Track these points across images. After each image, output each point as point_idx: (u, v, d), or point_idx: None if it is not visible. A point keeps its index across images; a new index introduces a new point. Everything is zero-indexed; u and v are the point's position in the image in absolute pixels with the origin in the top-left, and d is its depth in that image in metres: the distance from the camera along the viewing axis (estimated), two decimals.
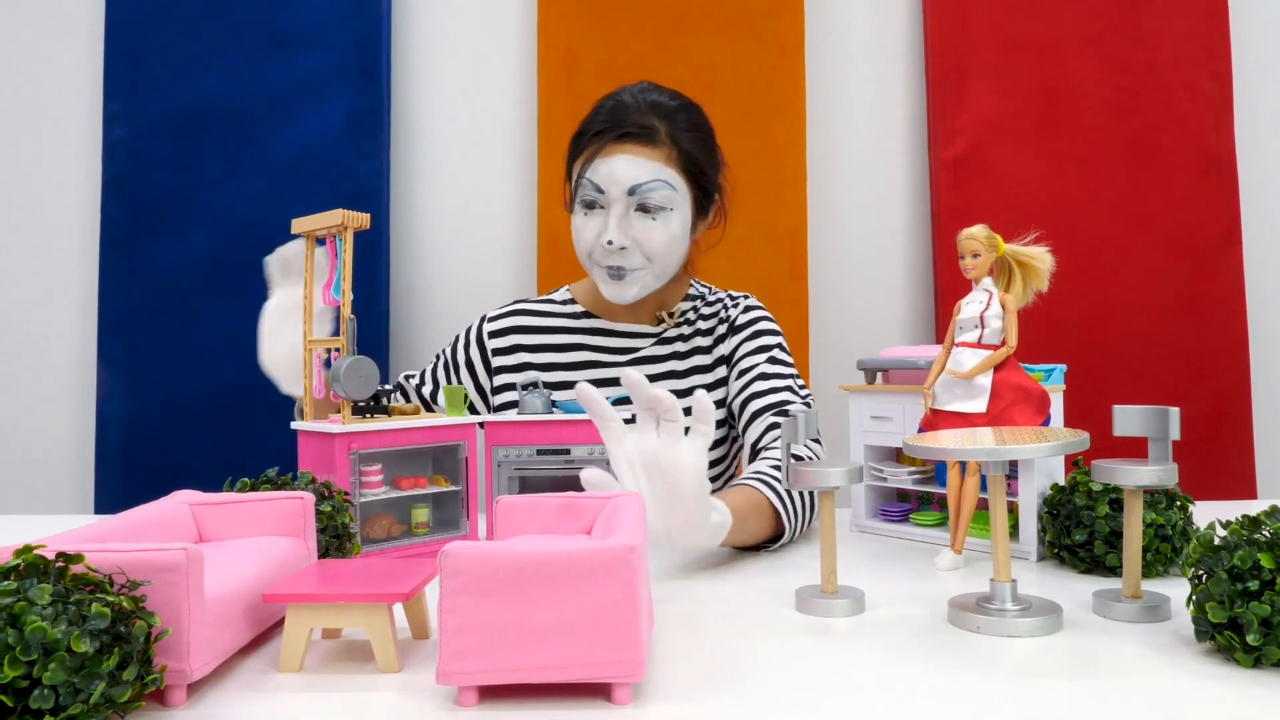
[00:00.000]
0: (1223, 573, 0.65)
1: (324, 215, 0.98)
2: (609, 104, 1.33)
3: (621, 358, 1.42)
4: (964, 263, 0.96)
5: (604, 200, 1.29)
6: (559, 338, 1.44)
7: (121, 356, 1.97)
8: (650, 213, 1.29)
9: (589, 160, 1.30)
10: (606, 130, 1.29)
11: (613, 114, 1.31)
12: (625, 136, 1.29)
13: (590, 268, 1.35)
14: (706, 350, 1.41)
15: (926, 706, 0.59)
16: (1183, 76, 1.98)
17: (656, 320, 1.43)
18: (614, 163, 1.28)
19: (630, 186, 1.27)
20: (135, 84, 2.00)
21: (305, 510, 0.81)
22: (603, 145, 1.29)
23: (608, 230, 1.28)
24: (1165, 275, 1.96)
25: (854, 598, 0.80)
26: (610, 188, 1.28)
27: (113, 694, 0.52)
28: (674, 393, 1.36)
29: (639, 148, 1.29)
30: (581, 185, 1.30)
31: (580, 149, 1.33)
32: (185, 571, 0.59)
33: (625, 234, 1.28)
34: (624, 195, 1.28)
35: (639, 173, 1.28)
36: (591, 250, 1.32)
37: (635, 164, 1.28)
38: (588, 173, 1.29)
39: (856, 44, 2.07)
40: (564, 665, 0.58)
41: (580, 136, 1.34)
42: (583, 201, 1.31)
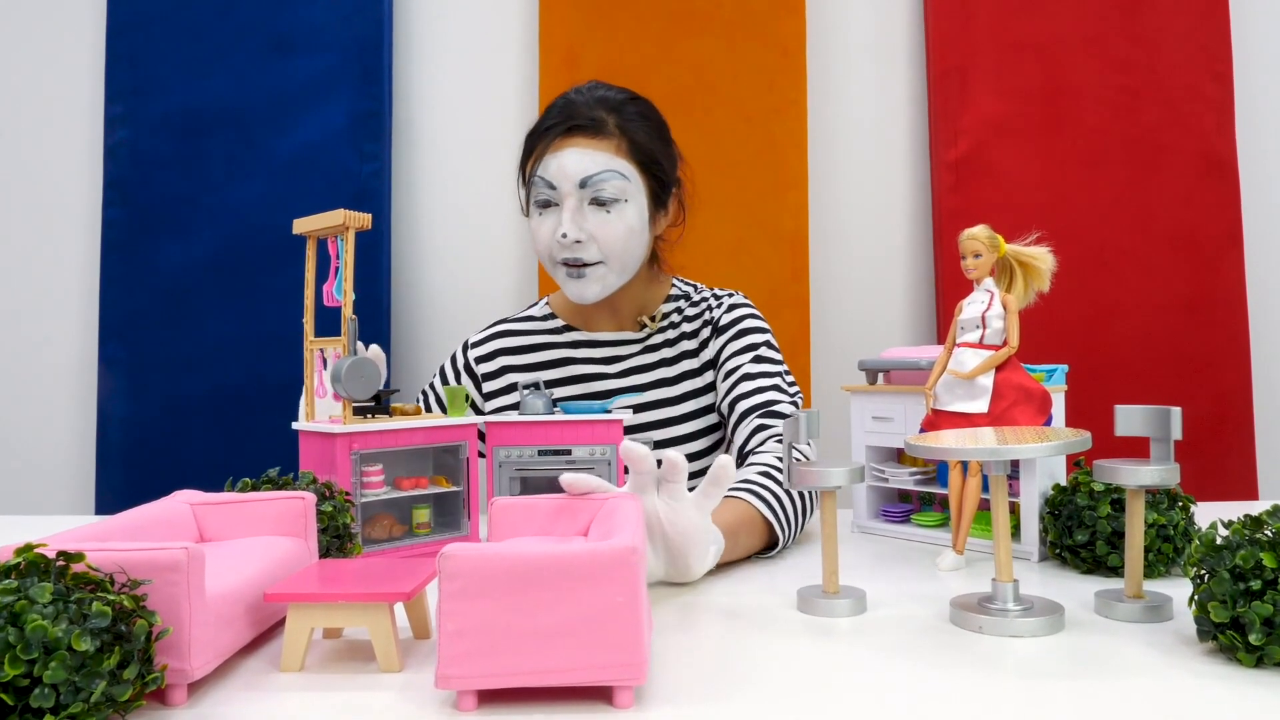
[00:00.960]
0: (1225, 572, 0.65)
1: (325, 215, 0.98)
2: (558, 103, 1.33)
3: (608, 367, 1.40)
4: (965, 263, 0.96)
5: (557, 196, 1.28)
6: (544, 354, 1.42)
7: (122, 358, 1.98)
8: (605, 205, 1.28)
9: (539, 158, 1.29)
10: (555, 126, 1.29)
11: (561, 111, 1.31)
12: (573, 130, 1.28)
13: (552, 269, 1.33)
14: (694, 354, 1.39)
15: (929, 707, 0.59)
16: (1184, 77, 1.98)
17: (639, 325, 1.41)
18: (563, 156, 1.27)
19: (581, 179, 1.26)
20: (137, 86, 2.00)
21: (306, 510, 0.81)
22: (551, 141, 1.28)
23: (562, 224, 1.26)
24: (1166, 276, 1.96)
25: (855, 598, 0.80)
26: (561, 182, 1.27)
27: (113, 693, 0.52)
28: (667, 401, 1.38)
29: (588, 140, 1.28)
30: (534, 184, 1.30)
31: (529, 151, 1.33)
32: (186, 570, 0.59)
33: (580, 227, 1.27)
34: (576, 189, 1.27)
35: (588, 164, 1.26)
36: (549, 248, 1.30)
37: (585, 156, 1.27)
38: (539, 170, 1.29)
39: (858, 45, 2.07)
40: (564, 668, 0.58)
41: (530, 138, 1.34)
42: (537, 202, 1.30)
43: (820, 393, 1.96)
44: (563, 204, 1.27)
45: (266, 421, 1.90)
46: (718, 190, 1.96)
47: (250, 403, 1.95)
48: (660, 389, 1.38)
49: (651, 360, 1.40)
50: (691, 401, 1.38)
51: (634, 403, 1.35)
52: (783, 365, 1.34)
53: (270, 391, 1.92)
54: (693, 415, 1.38)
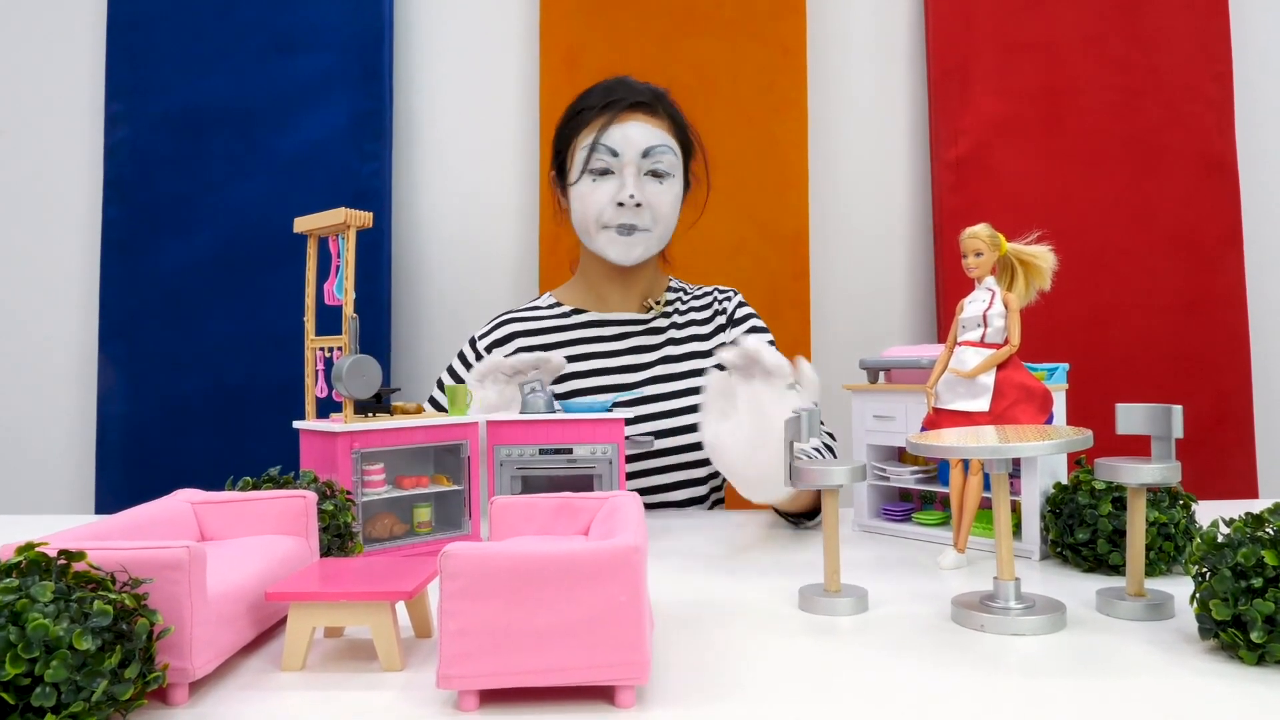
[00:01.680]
0: (1226, 570, 0.65)
1: (326, 214, 0.98)
2: (603, 85, 1.44)
3: (618, 344, 1.47)
4: (966, 262, 0.96)
5: (617, 164, 1.37)
6: (555, 336, 1.48)
7: (123, 357, 1.98)
8: (659, 177, 1.39)
9: (603, 128, 1.38)
10: (616, 101, 1.39)
11: (615, 89, 1.41)
12: (636, 105, 1.39)
13: (596, 234, 1.40)
14: (704, 338, 1.49)
15: (932, 705, 0.59)
16: (1184, 77, 1.98)
17: (645, 308, 1.50)
18: (628, 128, 1.37)
19: (645, 149, 1.37)
20: (137, 85, 2.00)
21: (307, 509, 0.81)
22: (616, 113, 1.38)
23: (625, 188, 1.36)
24: (1167, 275, 1.96)
25: (857, 596, 0.80)
26: (625, 150, 1.37)
27: (115, 692, 0.52)
28: (668, 377, 1.43)
29: (647, 116, 1.40)
30: (596, 151, 1.38)
31: (584, 122, 1.41)
32: (187, 569, 0.59)
33: (641, 193, 1.37)
34: (638, 158, 1.37)
35: (650, 137, 1.38)
36: (601, 213, 1.38)
37: (646, 129, 1.39)
38: (602, 139, 1.37)
39: (858, 45, 2.07)
40: (566, 668, 0.58)
41: (581, 113, 1.42)
42: (593, 170, 1.38)
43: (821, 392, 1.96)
44: (623, 171, 1.37)
45: (266, 421, 1.90)
46: (718, 189, 1.95)
47: (250, 402, 1.95)
48: (665, 365, 1.45)
49: (658, 340, 1.48)
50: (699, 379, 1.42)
51: (634, 397, 1.37)
52: None
53: (270, 391, 1.92)
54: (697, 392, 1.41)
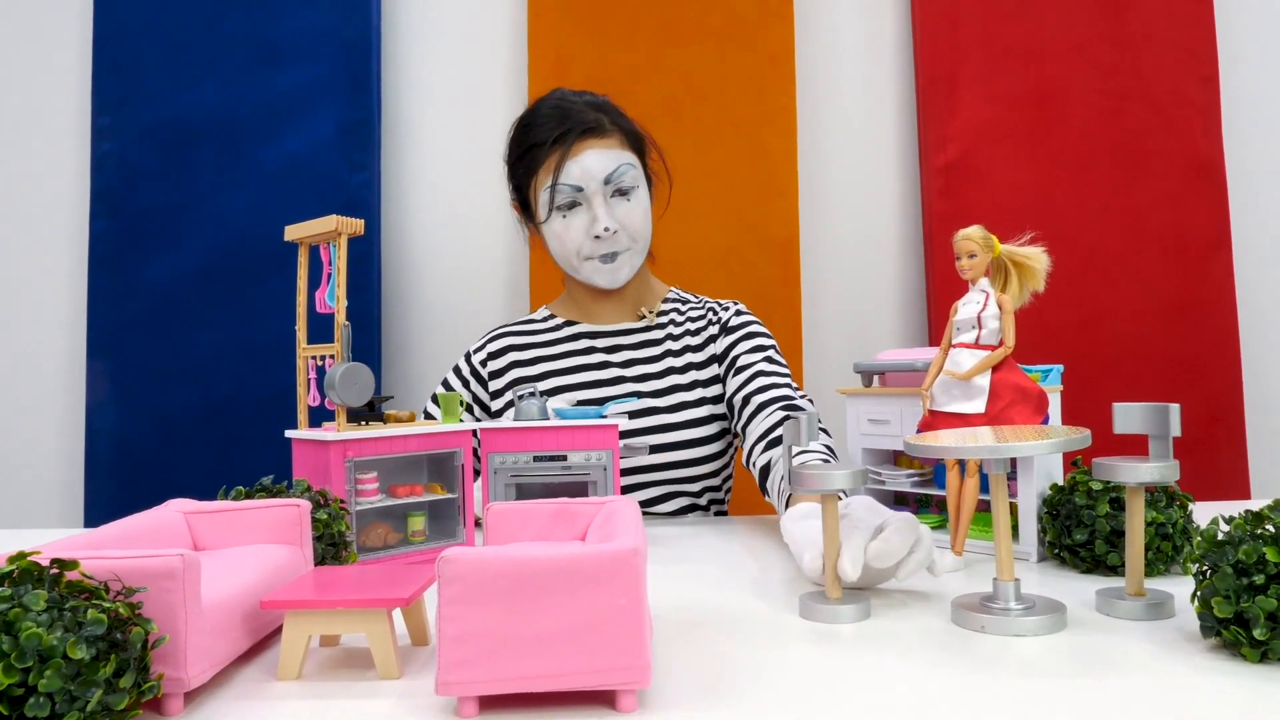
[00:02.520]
0: (1228, 568, 0.65)
1: (317, 221, 0.97)
2: (545, 114, 1.40)
3: (613, 356, 1.45)
4: (960, 263, 0.96)
5: (583, 197, 1.36)
6: (550, 349, 1.47)
7: (111, 370, 1.96)
8: (625, 194, 1.38)
9: (558, 166, 1.36)
10: (565, 133, 1.36)
11: (560, 120, 1.38)
12: (585, 133, 1.37)
13: (578, 267, 1.40)
14: (698, 349, 1.46)
15: (933, 706, 0.58)
16: (1170, 81, 2.00)
17: (639, 317, 1.49)
18: (584, 159, 1.36)
19: (605, 176, 1.36)
20: (124, 97, 1.99)
21: (301, 518, 0.80)
22: (567, 147, 1.36)
23: (598, 220, 1.36)
24: (1156, 279, 1.97)
25: (859, 603, 0.79)
26: (588, 183, 1.36)
27: (110, 702, 0.51)
28: (665, 390, 1.41)
29: (598, 140, 1.38)
30: (558, 191, 1.36)
31: (536, 162, 1.39)
32: (182, 578, 0.58)
33: (613, 219, 1.37)
34: (601, 186, 1.36)
35: (607, 162, 1.37)
36: (579, 246, 1.38)
37: (601, 155, 1.37)
38: (561, 178, 1.36)
39: (846, 52, 2.08)
40: (567, 673, 0.57)
41: (530, 150, 1.40)
42: (559, 206, 1.37)
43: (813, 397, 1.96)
44: (591, 202, 1.36)
45: (256, 432, 1.89)
46: (708, 197, 1.96)
47: (240, 414, 1.94)
48: (670, 377, 1.43)
49: (657, 352, 1.46)
50: (699, 389, 1.44)
51: (629, 409, 1.36)
52: (790, 375, 1.40)
53: (260, 402, 1.91)
54: (696, 403, 1.43)
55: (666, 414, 1.41)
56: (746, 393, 1.35)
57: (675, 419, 1.41)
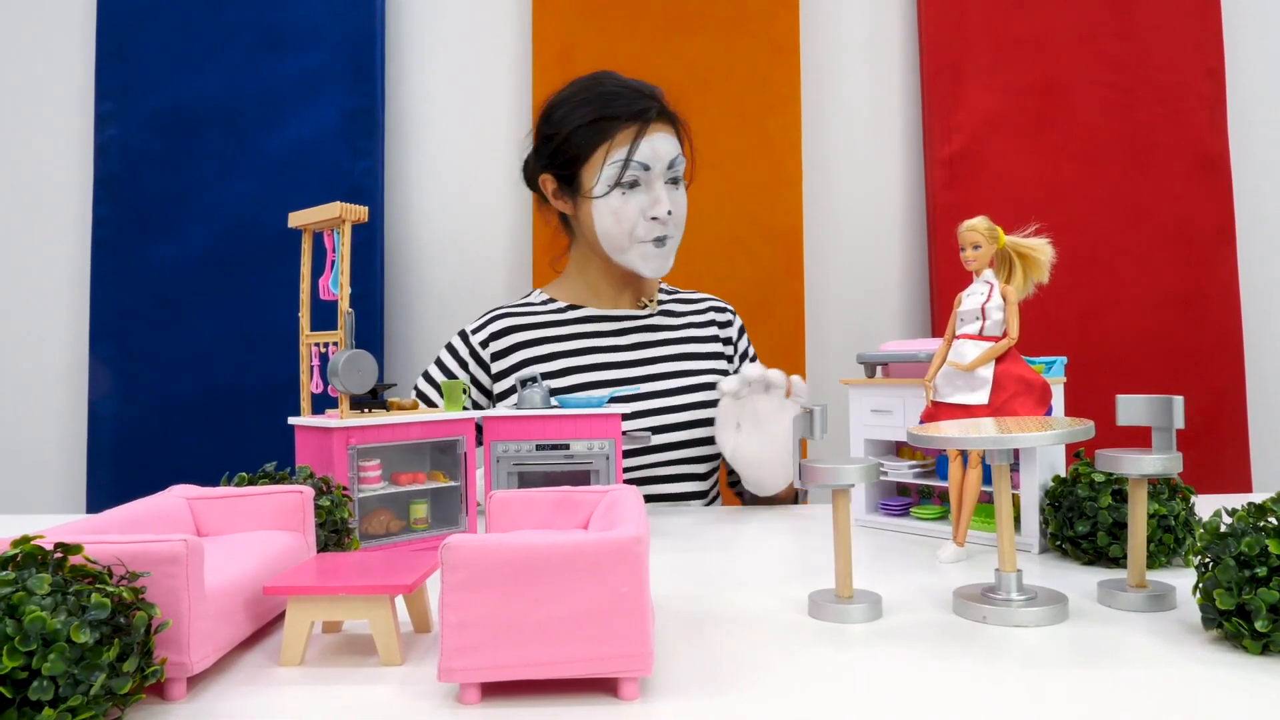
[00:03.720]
0: (1230, 559, 0.65)
1: (321, 208, 0.97)
2: (613, 89, 1.39)
3: (619, 339, 1.46)
4: (965, 254, 0.96)
5: (646, 177, 1.37)
6: (553, 330, 1.47)
7: (114, 356, 1.96)
8: (676, 184, 1.40)
9: (631, 140, 1.35)
10: (644, 111, 1.37)
11: (637, 96, 1.38)
12: (660, 116, 1.38)
13: (628, 248, 1.39)
14: (701, 342, 1.50)
15: (936, 696, 0.58)
16: (1176, 73, 1.99)
17: (640, 305, 1.51)
18: (655, 141, 1.36)
19: (670, 160, 1.38)
20: (127, 83, 1.98)
21: (304, 504, 0.80)
22: (646, 124, 1.36)
23: (660, 203, 1.37)
24: (1160, 271, 1.97)
25: (870, 602, 0.76)
26: (655, 163, 1.36)
27: (113, 686, 0.51)
28: (667, 374, 1.44)
29: (665, 125, 1.40)
30: (629, 166, 1.35)
31: (607, 132, 1.37)
32: (185, 563, 0.58)
33: (671, 202, 1.38)
34: (665, 169, 1.37)
35: (673, 148, 1.39)
36: (633, 226, 1.37)
37: (669, 141, 1.39)
38: (635, 154, 1.35)
39: (852, 42, 2.07)
40: (569, 660, 0.57)
41: (601, 121, 1.37)
42: (624, 183, 1.36)
43: (815, 388, 1.96)
44: (653, 184, 1.37)
45: (259, 420, 1.89)
46: (712, 187, 1.96)
47: (242, 401, 1.94)
48: (678, 363, 1.46)
49: (659, 338, 1.48)
50: (701, 377, 1.46)
51: (631, 394, 1.36)
52: None
53: (262, 390, 1.91)
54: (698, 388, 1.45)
55: (667, 398, 1.41)
56: None
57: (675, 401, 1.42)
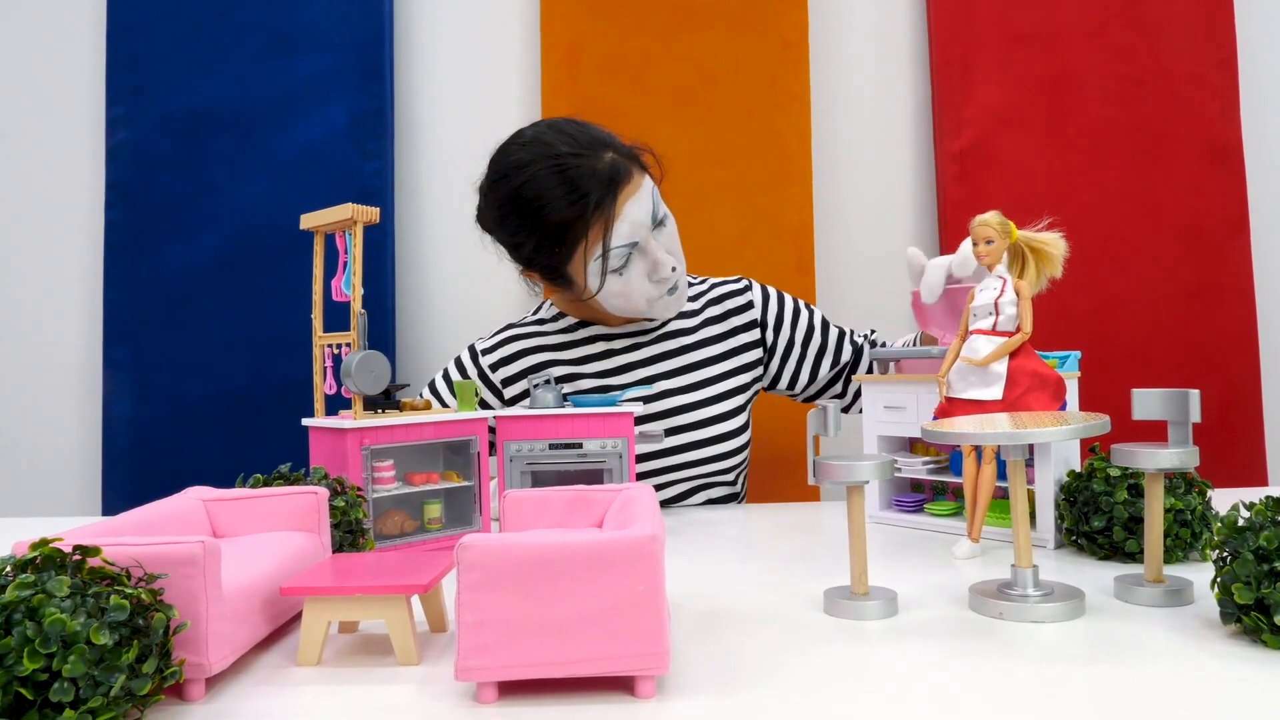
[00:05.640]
0: (1249, 554, 0.64)
1: (333, 210, 0.98)
2: (570, 176, 1.25)
3: (633, 355, 1.43)
4: (977, 249, 0.95)
5: (636, 249, 1.30)
6: (566, 352, 1.44)
7: (127, 360, 1.97)
8: (662, 223, 1.33)
9: (606, 232, 1.26)
10: (606, 195, 1.26)
11: (592, 178, 1.25)
12: (623, 177, 1.28)
13: (645, 309, 1.34)
14: (721, 337, 1.48)
15: (952, 693, 0.58)
16: (1188, 65, 1.97)
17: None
18: (629, 213, 1.27)
19: (651, 219, 1.30)
20: (138, 87, 1.99)
21: (319, 505, 0.81)
22: (612, 209, 1.26)
23: (661, 265, 1.30)
24: (1173, 264, 1.95)
25: (886, 599, 0.76)
26: (640, 234, 1.29)
27: (133, 687, 0.52)
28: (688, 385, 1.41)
29: (628, 186, 1.29)
30: (613, 256, 1.27)
31: (576, 237, 1.27)
32: (202, 565, 0.59)
33: (668, 251, 1.33)
34: (650, 229, 1.30)
35: (645, 204, 1.29)
36: (645, 292, 1.32)
37: (637, 200, 1.29)
38: (614, 241, 1.27)
39: (861, 37, 2.06)
40: (586, 659, 0.57)
41: (565, 228, 1.26)
42: (614, 270, 1.29)
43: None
44: (647, 250, 1.30)
45: (272, 422, 1.90)
46: (721, 185, 1.96)
47: (256, 403, 1.94)
48: (686, 374, 1.43)
49: (673, 346, 1.44)
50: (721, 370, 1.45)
51: (645, 394, 1.36)
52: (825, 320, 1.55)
53: (276, 391, 1.92)
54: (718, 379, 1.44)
55: (685, 395, 1.41)
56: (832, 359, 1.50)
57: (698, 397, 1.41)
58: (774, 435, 1.79)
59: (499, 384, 1.44)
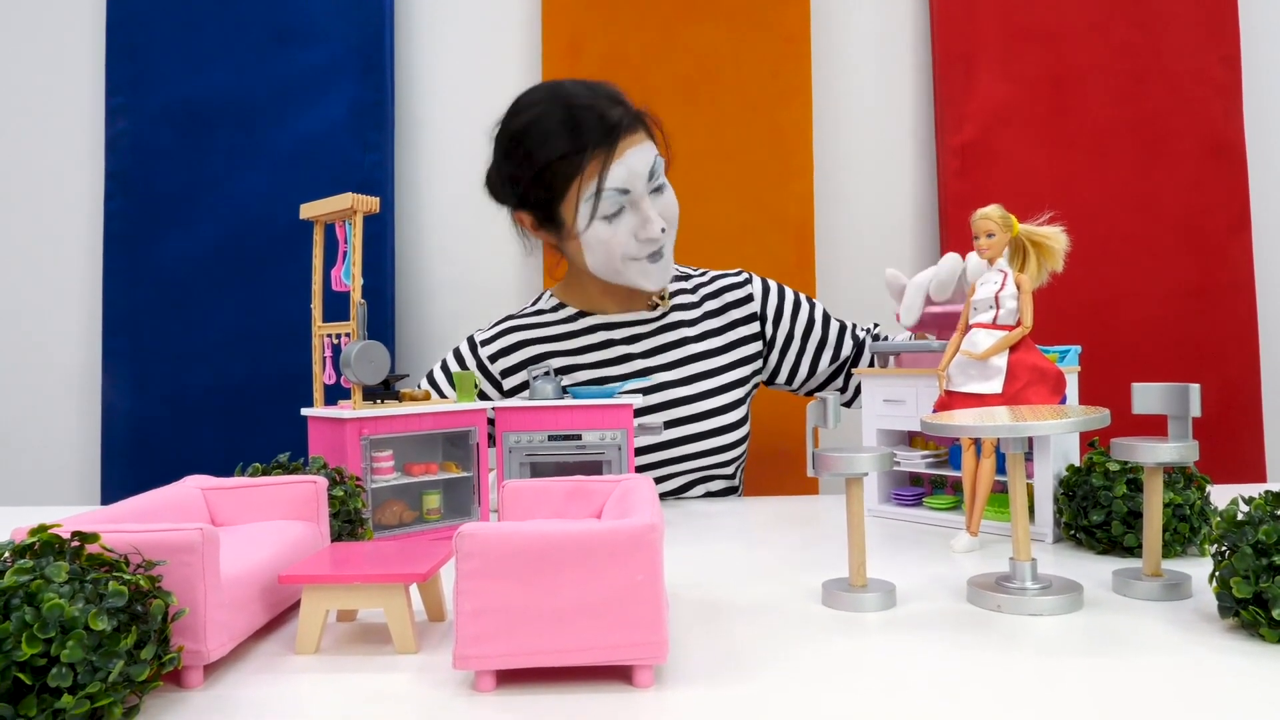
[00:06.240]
0: (1247, 548, 0.64)
1: (333, 200, 0.97)
2: (562, 114, 1.29)
3: (633, 346, 1.43)
4: (978, 243, 0.95)
5: (630, 199, 1.29)
6: (565, 343, 1.44)
7: (126, 351, 1.97)
8: (661, 189, 1.33)
9: (602, 172, 1.27)
10: (607, 136, 1.27)
11: (586, 118, 1.28)
12: (628, 127, 1.30)
13: (624, 269, 1.33)
14: (720, 330, 1.47)
15: (950, 685, 0.58)
16: (1190, 61, 1.97)
17: (650, 306, 1.46)
18: (628, 160, 1.28)
19: (649, 173, 1.30)
20: (137, 78, 1.99)
21: (318, 494, 0.81)
22: (611, 151, 1.28)
23: (650, 223, 1.29)
24: (1174, 261, 1.95)
25: (883, 591, 0.76)
26: (634, 184, 1.29)
27: (131, 673, 0.52)
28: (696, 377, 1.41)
29: (637, 135, 1.31)
30: (604, 198, 1.28)
31: (573, 169, 1.28)
32: (201, 552, 0.59)
33: (660, 215, 1.32)
34: (646, 184, 1.30)
35: (647, 158, 1.30)
36: (626, 248, 1.31)
37: (642, 152, 1.30)
38: (607, 184, 1.27)
39: (863, 32, 2.06)
40: (584, 648, 0.57)
41: (559, 160, 1.28)
42: (606, 215, 1.29)
43: None
44: (638, 204, 1.30)
45: (271, 412, 1.89)
46: (722, 179, 1.96)
47: (255, 395, 1.94)
48: (685, 366, 1.42)
49: (674, 338, 1.44)
50: (720, 376, 1.44)
51: (643, 386, 1.35)
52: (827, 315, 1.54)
53: (275, 382, 1.92)
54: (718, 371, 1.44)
55: (685, 387, 1.40)
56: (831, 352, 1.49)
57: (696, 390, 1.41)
58: (773, 428, 1.79)
59: (498, 375, 1.44)
